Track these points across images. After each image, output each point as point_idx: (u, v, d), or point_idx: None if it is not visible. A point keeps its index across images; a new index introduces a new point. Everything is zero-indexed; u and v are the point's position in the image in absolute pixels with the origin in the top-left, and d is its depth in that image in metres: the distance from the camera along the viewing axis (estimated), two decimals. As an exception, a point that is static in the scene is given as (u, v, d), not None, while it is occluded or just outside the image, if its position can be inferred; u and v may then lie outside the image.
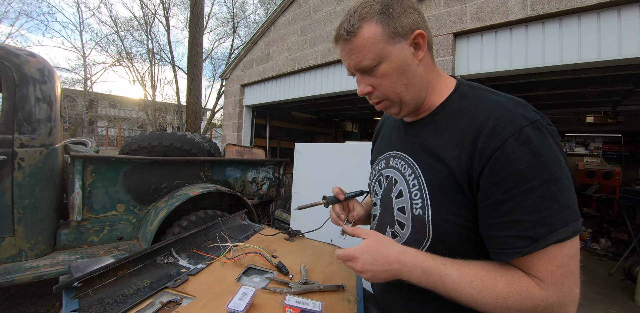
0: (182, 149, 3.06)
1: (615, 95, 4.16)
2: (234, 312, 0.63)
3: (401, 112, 0.74)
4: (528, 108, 0.60)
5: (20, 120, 2.04)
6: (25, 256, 2.02)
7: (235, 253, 0.93)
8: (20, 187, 2.01)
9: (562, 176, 0.55)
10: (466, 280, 0.57)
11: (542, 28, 2.65)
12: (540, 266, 0.55)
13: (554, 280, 0.54)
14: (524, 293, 0.54)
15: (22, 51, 2.15)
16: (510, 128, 0.57)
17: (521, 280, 0.56)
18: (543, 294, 0.53)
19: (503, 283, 0.56)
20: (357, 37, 0.65)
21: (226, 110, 7.09)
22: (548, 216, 0.54)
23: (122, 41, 17.21)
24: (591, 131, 7.27)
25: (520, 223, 0.55)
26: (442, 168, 0.65)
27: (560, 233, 0.54)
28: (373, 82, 0.70)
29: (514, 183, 0.55)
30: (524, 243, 0.55)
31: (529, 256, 0.56)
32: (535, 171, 0.54)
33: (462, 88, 0.71)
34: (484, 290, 0.55)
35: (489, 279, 0.56)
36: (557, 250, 0.54)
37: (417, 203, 0.69)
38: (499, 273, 0.57)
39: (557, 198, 0.54)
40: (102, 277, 0.69)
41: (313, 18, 4.87)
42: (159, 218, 2.35)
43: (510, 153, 0.55)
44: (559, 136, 0.60)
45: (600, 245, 4.90)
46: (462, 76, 3.13)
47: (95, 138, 17.66)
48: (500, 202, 0.57)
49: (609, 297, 3.21)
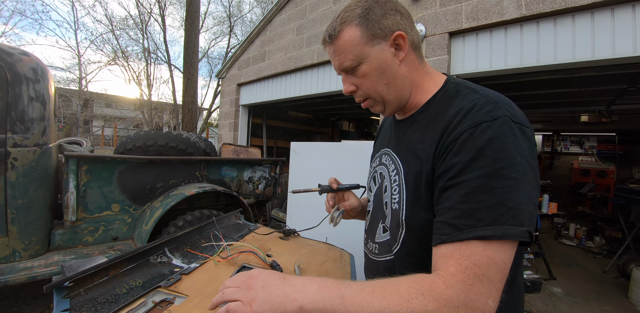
0: (177, 148, 3.05)
1: (610, 94, 4.20)
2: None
3: (386, 110, 0.77)
4: (500, 106, 0.58)
5: (13, 119, 2.02)
6: (19, 257, 2.00)
7: (229, 252, 0.93)
8: (14, 187, 1.99)
9: (510, 174, 0.52)
10: (367, 291, 0.51)
11: (537, 28, 2.66)
12: (457, 259, 0.51)
13: (464, 278, 0.49)
14: (427, 293, 0.49)
15: (15, 50, 2.13)
16: (469, 122, 0.57)
17: (425, 279, 0.51)
18: (448, 293, 0.48)
19: (406, 286, 0.51)
20: (339, 40, 0.69)
21: (222, 109, 7.07)
22: (479, 209, 0.52)
23: (117, 40, 17.07)
24: (586, 130, 7.34)
25: (451, 211, 0.55)
26: (417, 164, 0.67)
27: (486, 230, 0.50)
28: (356, 82, 0.73)
29: (457, 173, 0.56)
30: (448, 231, 0.54)
31: (449, 247, 0.53)
32: (479, 162, 0.54)
33: (448, 86, 0.72)
34: (386, 297, 0.50)
35: (391, 285, 0.52)
36: (480, 247, 0.50)
37: (395, 198, 0.72)
38: (403, 278, 0.53)
39: (497, 194, 0.52)
40: (94, 276, 0.69)
41: (309, 17, 4.87)
42: (155, 217, 2.35)
43: (461, 145, 0.57)
44: (530, 138, 0.57)
45: (595, 243, 4.95)
46: (457, 75, 3.14)
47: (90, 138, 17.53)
48: (443, 189, 0.58)
49: (603, 294, 3.25)
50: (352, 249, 1.28)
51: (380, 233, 0.79)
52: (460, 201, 0.54)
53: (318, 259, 1.04)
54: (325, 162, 2.41)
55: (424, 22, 3.27)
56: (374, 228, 0.82)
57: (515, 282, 0.68)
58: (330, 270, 0.97)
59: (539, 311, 2.85)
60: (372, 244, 0.82)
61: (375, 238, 0.81)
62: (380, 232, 0.78)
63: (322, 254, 1.11)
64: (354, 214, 1.00)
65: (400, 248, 0.71)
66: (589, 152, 7.57)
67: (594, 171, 6.90)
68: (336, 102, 6.24)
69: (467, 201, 0.53)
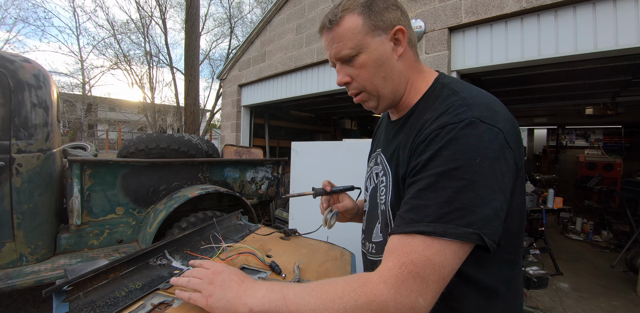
0: (179, 151, 3.06)
1: (614, 86, 4.13)
2: None
3: (379, 107, 0.75)
4: (472, 109, 0.57)
5: (17, 126, 2.04)
6: (26, 261, 2.03)
7: (228, 253, 0.93)
8: (19, 192, 2.02)
9: (462, 176, 0.51)
10: (307, 290, 0.55)
11: (538, 20, 2.63)
12: (398, 255, 0.52)
13: (398, 273, 0.50)
14: (359, 289, 0.51)
15: (17, 57, 2.15)
16: (436, 125, 0.58)
17: (361, 276, 0.53)
18: (380, 287, 0.49)
19: (342, 284, 0.53)
20: (339, 26, 0.67)
21: (224, 111, 7.09)
22: (426, 206, 0.53)
23: (119, 44, 17.21)
24: (591, 123, 7.26)
25: (405, 204, 0.57)
26: (397, 166, 0.68)
27: (429, 226, 0.51)
28: (352, 73, 0.71)
29: (417, 171, 0.58)
30: (398, 222, 0.56)
31: (396, 239, 0.55)
32: (435, 162, 0.55)
33: (435, 86, 0.71)
34: (322, 295, 0.52)
35: (328, 284, 0.55)
36: (421, 247, 0.51)
37: (382, 199, 0.73)
38: (343, 278, 0.56)
39: (444, 193, 0.52)
40: (93, 279, 0.70)
41: (308, 16, 4.86)
42: (158, 220, 2.36)
43: (425, 146, 0.58)
44: (499, 140, 0.54)
45: (602, 237, 4.90)
46: (458, 71, 3.12)
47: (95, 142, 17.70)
48: (408, 185, 0.60)
49: (611, 289, 3.21)
50: (354, 248, 1.28)
51: (377, 233, 0.78)
52: (413, 196, 0.56)
53: (318, 259, 1.04)
54: (327, 161, 2.41)
55: (423, 18, 3.24)
56: (370, 228, 0.82)
57: (512, 282, 0.66)
58: (330, 270, 0.97)
59: (546, 307, 2.83)
60: (369, 244, 0.82)
61: (372, 238, 0.80)
62: (377, 232, 0.78)
63: (323, 253, 1.11)
64: (349, 216, 1.00)
65: None
66: (595, 145, 7.48)
67: (600, 165, 6.82)
68: (338, 101, 6.23)
69: (418, 197, 0.55)
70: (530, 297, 3.01)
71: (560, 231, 5.38)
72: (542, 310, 2.74)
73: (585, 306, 2.85)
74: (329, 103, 6.58)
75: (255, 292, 0.58)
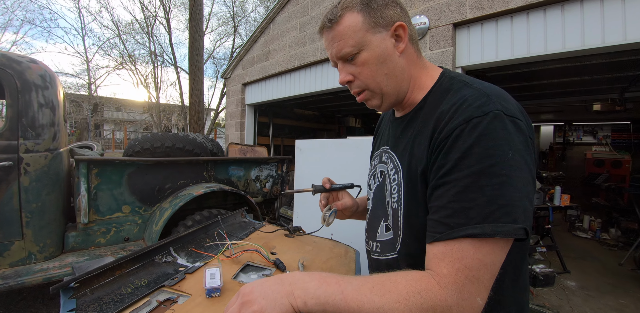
0: (184, 149, 3.08)
1: (622, 81, 4.07)
2: (212, 289, 0.69)
3: (383, 105, 0.74)
4: (492, 100, 0.57)
5: (24, 126, 2.07)
6: (34, 259, 2.06)
7: (233, 250, 0.94)
8: (27, 192, 2.05)
9: (499, 171, 0.52)
10: (367, 287, 0.52)
11: (544, 15, 2.59)
12: (450, 261, 0.52)
13: (457, 279, 0.50)
14: (424, 292, 0.50)
15: (24, 58, 2.18)
16: (460, 119, 0.56)
17: (422, 278, 0.53)
18: (442, 293, 0.50)
19: (404, 284, 0.52)
20: (339, 25, 0.67)
21: (228, 109, 7.12)
22: (470, 208, 0.52)
23: (124, 44, 17.32)
24: (599, 119, 7.14)
25: (444, 209, 0.55)
26: (413, 162, 0.66)
27: (477, 228, 0.50)
28: (354, 71, 0.70)
29: (448, 171, 0.56)
30: (441, 229, 0.55)
31: (442, 246, 0.54)
32: (468, 160, 0.53)
33: (442, 80, 0.71)
34: (386, 293, 0.51)
35: (390, 281, 0.53)
36: (471, 250, 0.51)
37: (394, 197, 0.71)
38: (400, 275, 0.54)
39: (485, 191, 0.51)
40: (99, 276, 0.70)
41: (311, 14, 4.84)
42: (164, 218, 2.38)
43: (452, 142, 0.56)
44: (524, 131, 0.56)
45: (610, 235, 4.83)
46: (463, 67, 3.09)
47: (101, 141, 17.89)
48: (435, 187, 0.58)
49: (620, 287, 3.17)
50: (358, 245, 1.28)
51: (382, 232, 0.78)
52: (452, 200, 0.54)
53: (322, 256, 1.04)
54: (331, 158, 2.40)
55: (427, 14, 3.22)
56: (374, 227, 0.81)
57: (521, 276, 0.67)
58: (334, 267, 0.97)
59: (553, 305, 2.80)
60: (372, 243, 0.81)
61: (376, 237, 0.80)
62: (383, 231, 0.77)
63: (327, 251, 1.11)
64: (349, 213, 0.99)
65: (401, 247, 0.71)
66: (602, 142, 7.36)
67: (608, 161, 6.72)
68: (341, 99, 6.22)
69: (459, 200, 0.53)
70: (537, 295, 2.98)
71: (567, 229, 5.32)
72: (549, 308, 2.72)
73: (592, 304, 2.82)
74: (332, 101, 6.57)
75: (305, 284, 0.54)
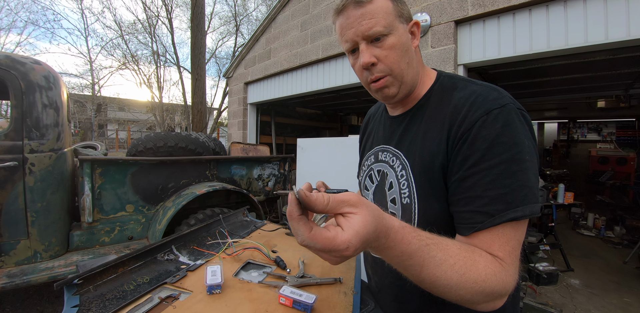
0: (187, 148, 3.10)
1: (627, 78, 4.02)
2: (213, 286, 0.70)
3: (398, 94, 0.72)
4: (502, 93, 0.62)
5: (29, 126, 2.09)
6: (40, 258, 2.09)
7: (234, 248, 0.95)
8: (32, 191, 2.07)
9: (524, 157, 0.56)
10: (449, 263, 0.50)
11: (546, 11, 2.57)
12: (500, 245, 0.55)
13: (512, 261, 0.55)
14: (499, 274, 0.52)
15: (28, 59, 2.19)
16: (480, 111, 0.60)
17: (493, 260, 0.54)
18: (508, 275, 0.53)
19: (483, 265, 0.51)
20: (372, 4, 0.65)
21: (231, 108, 7.13)
22: (506, 193, 0.55)
23: (127, 44, 17.39)
24: (603, 117, 7.07)
25: (479, 199, 0.57)
26: (426, 156, 0.67)
27: (517, 211, 0.54)
28: (379, 54, 0.67)
29: (476, 161, 0.58)
30: (480, 219, 0.56)
31: (486, 234, 0.56)
32: (497, 149, 0.56)
33: (442, 79, 0.74)
34: (466, 273, 0.50)
35: (470, 260, 0.51)
36: (512, 232, 0.56)
37: (405, 193, 0.72)
38: (477, 254, 0.53)
39: (518, 176, 0.55)
40: (102, 273, 0.72)
41: (313, 12, 4.83)
42: (167, 217, 2.40)
43: (476, 133, 0.59)
44: (530, 122, 0.61)
45: (615, 233, 4.80)
46: (465, 64, 3.08)
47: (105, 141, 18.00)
48: (463, 179, 0.60)
49: (624, 285, 3.16)
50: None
51: None
52: (487, 188, 0.56)
53: (323, 254, 1.05)
54: (333, 157, 2.41)
55: (428, 11, 3.20)
56: None
57: None
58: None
59: (556, 304, 2.79)
60: None
61: None
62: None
63: (328, 249, 1.11)
64: None
65: None
66: (607, 139, 7.30)
67: (613, 159, 6.67)
68: (344, 97, 6.21)
69: (494, 188, 0.56)
70: (540, 294, 2.98)
71: (571, 227, 5.29)
72: (552, 306, 2.71)
73: (596, 303, 2.81)
74: (335, 99, 6.56)
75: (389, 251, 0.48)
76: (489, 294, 0.51)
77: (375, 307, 0.82)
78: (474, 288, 0.50)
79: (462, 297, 0.51)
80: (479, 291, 0.50)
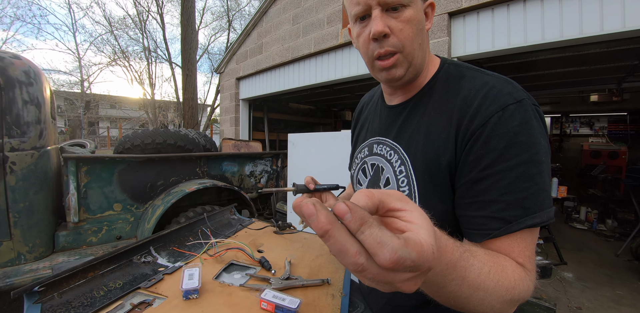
0: (176, 145, 3.03)
1: (620, 71, 4.02)
2: (189, 290, 0.66)
3: (405, 76, 0.64)
4: (516, 87, 0.57)
5: (9, 124, 2.00)
6: (24, 260, 2.02)
7: (217, 249, 0.90)
8: (14, 191, 2.00)
9: (542, 159, 0.52)
10: (485, 271, 0.44)
11: (541, 2, 2.53)
12: (519, 251, 0.52)
13: (532, 266, 0.52)
14: (525, 281, 0.49)
15: (6, 54, 2.10)
16: (495, 106, 0.54)
17: (518, 266, 0.51)
18: (532, 281, 0.50)
19: (511, 270, 0.48)
20: None
21: (223, 104, 7.03)
22: (524, 198, 0.50)
23: (117, 40, 17.09)
24: (596, 111, 7.11)
25: (494, 204, 0.52)
26: (430, 151, 0.61)
27: (536, 217, 0.50)
28: (394, 26, 0.59)
29: (492, 161, 0.52)
30: (496, 225, 0.51)
31: (504, 240, 0.52)
32: (515, 150, 0.51)
33: (447, 67, 0.67)
34: (500, 280, 0.45)
35: (500, 266, 0.47)
36: (529, 238, 0.52)
37: (404, 191, 0.65)
38: (502, 258, 0.50)
39: (536, 180, 0.51)
40: (69, 279, 0.66)
41: (304, 6, 4.75)
42: (156, 215, 2.35)
43: (491, 130, 0.53)
44: (544, 119, 0.57)
45: (607, 226, 4.84)
46: (459, 57, 3.04)
47: (96, 139, 17.73)
48: (476, 181, 0.54)
49: (616, 278, 3.18)
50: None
51: None
52: (503, 192, 0.51)
53: (312, 253, 1.01)
54: (324, 152, 2.36)
55: (421, 4, 3.14)
56: None
57: None
58: (323, 264, 0.93)
59: (550, 297, 2.80)
60: None
61: None
62: None
63: (317, 248, 1.07)
64: None
65: None
66: (599, 133, 7.34)
67: (605, 153, 6.71)
68: (337, 92, 6.15)
69: (511, 192, 0.51)
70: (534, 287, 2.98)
71: (564, 221, 5.33)
72: (546, 300, 2.72)
73: (589, 295, 2.82)
74: (328, 94, 6.49)
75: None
76: (515, 302, 0.47)
77: (365, 309, 0.79)
78: (504, 296, 0.45)
79: (492, 307, 0.45)
80: (508, 299, 0.46)
